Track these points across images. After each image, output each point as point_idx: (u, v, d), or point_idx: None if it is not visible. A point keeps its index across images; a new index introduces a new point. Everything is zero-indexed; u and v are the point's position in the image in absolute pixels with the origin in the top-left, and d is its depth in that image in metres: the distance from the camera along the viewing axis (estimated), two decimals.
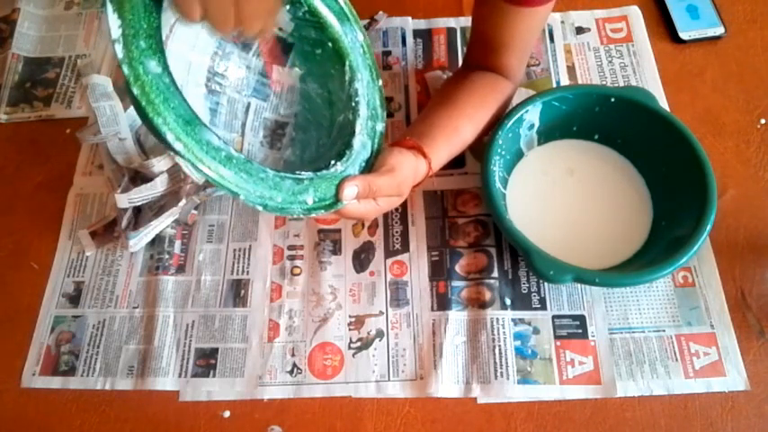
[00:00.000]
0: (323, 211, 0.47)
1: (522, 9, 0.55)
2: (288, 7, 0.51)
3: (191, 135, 0.40)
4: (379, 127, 0.53)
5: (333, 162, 0.49)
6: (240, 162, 0.43)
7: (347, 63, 0.52)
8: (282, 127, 0.57)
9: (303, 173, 0.46)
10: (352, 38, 0.52)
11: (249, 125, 0.56)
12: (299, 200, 0.45)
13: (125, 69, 0.38)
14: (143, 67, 0.39)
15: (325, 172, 0.48)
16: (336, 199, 0.47)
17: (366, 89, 0.53)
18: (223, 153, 0.42)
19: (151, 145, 0.67)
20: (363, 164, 0.51)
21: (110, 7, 0.38)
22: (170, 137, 0.39)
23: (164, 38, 0.43)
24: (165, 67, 0.40)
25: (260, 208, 0.43)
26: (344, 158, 0.49)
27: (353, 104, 0.52)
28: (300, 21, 0.52)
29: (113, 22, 0.38)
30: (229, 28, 0.39)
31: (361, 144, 0.51)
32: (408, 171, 0.52)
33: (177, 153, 0.40)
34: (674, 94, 0.72)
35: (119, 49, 0.38)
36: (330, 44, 0.52)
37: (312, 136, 0.56)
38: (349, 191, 0.47)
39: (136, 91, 0.38)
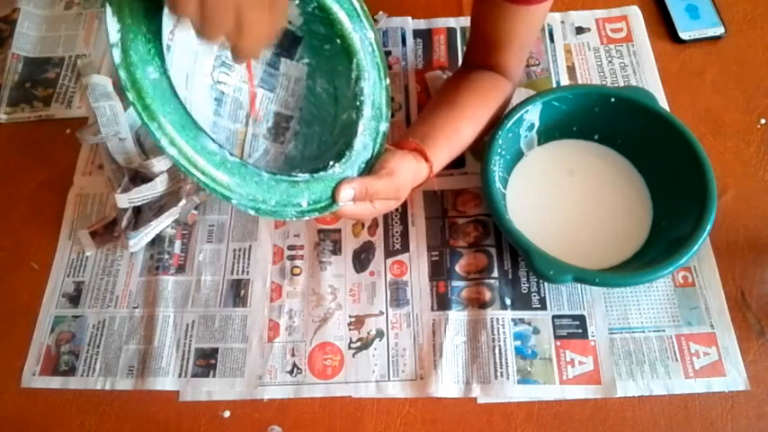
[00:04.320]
0: (317, 213, 0.47)
1: (521, 7, 0.55)
2: (297, 1, 0.50)
3: (185, 140, 0.40)
4: (383, 127, 0.53)
5: (331, 163, 0.48)
6: (235, 166, 0.43)
7: (354, 61, 0.51)
8: (287, 120, 0.57)
9: (299, 175, 0.46)
10: (361, 35, 0.52)
11: (254, 116, 0.56)
12: (294, 202, 0.45)
13: (122, 74, 0.38)
14: (140, 72, 0.38)
15: (322, 173, 0.47)
16: (332, 201, 0.47)
17: (372, 88, 0.52)
18: (218, 157, 0.42)
19: (151, 145, 0.67)
20: (363, 165, 0.51)
21: (109, 11, 0.37)
22: (164, 142, 0.39)
23: (171, 27, 0.42)
24: (164, 72, 0.40)
25: (252, 212, 0.43)
26: (343, 160, 0.49)
27: (358, 104, 0.51)
28: (310, 16, 0.52)
29: (112, 26, 0.37)
30: (220, 34, 0.35)
31: (363, 145, 0.51)
32: (408, 175, 0.51)
33: (171, 158, 0.40)
34: (674, 94, 0.72)
35: (116, 53, 0.37)
36: (339, 41, 0.51)
37: (315, 132, 0.56)
38: (345, 193, 0.47)
39: (131, 96, 0.38)
